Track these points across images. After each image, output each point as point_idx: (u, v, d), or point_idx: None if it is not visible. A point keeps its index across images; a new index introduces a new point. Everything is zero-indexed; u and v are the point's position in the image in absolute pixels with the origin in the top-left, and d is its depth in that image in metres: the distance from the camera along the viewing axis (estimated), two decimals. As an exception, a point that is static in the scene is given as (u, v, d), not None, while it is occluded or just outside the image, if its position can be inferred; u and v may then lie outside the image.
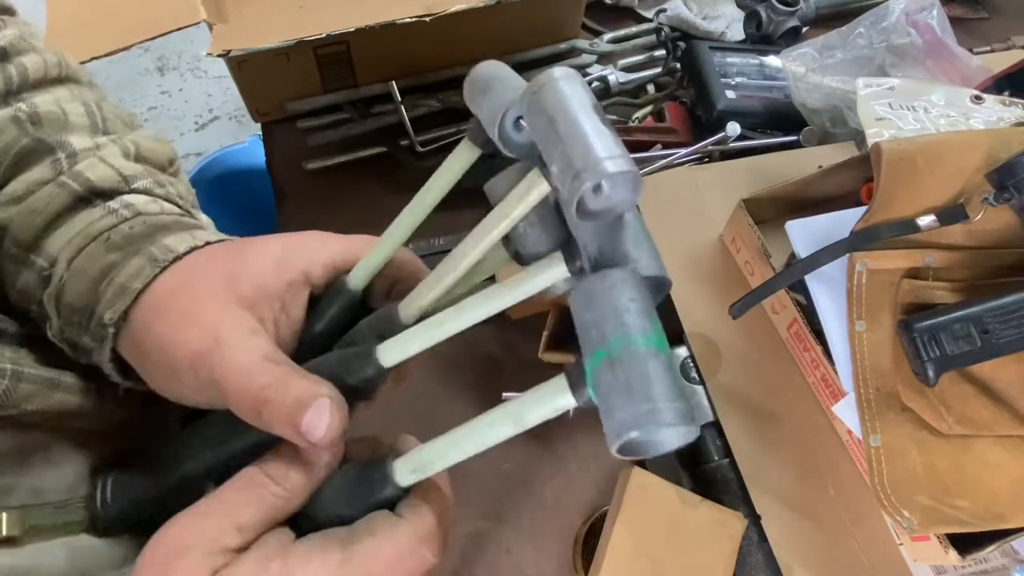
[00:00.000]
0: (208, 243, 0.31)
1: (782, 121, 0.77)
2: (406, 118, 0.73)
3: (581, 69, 0.86)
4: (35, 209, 0.31)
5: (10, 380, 0.28)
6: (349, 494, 0.27)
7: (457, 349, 0.65)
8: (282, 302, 0.29)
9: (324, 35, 0.58)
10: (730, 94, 0.77)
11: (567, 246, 0.27)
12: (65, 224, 0.31)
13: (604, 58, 0.88)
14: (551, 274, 0.27)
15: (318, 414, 0.25)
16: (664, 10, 0.92)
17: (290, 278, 0.29)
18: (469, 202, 0.74)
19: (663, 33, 0.88)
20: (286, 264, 0.29)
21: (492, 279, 0.31)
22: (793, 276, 0.54)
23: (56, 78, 0.36)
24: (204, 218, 0.37)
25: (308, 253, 0.30)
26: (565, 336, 0.62)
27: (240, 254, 0.30)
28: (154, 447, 0.31)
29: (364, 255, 0.31)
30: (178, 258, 0.30)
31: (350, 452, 0.29)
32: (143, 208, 0.32)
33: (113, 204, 0.31)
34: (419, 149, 0.74)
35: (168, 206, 0.33)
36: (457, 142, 0.30)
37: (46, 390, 0.29)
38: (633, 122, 0.81)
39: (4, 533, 0.28)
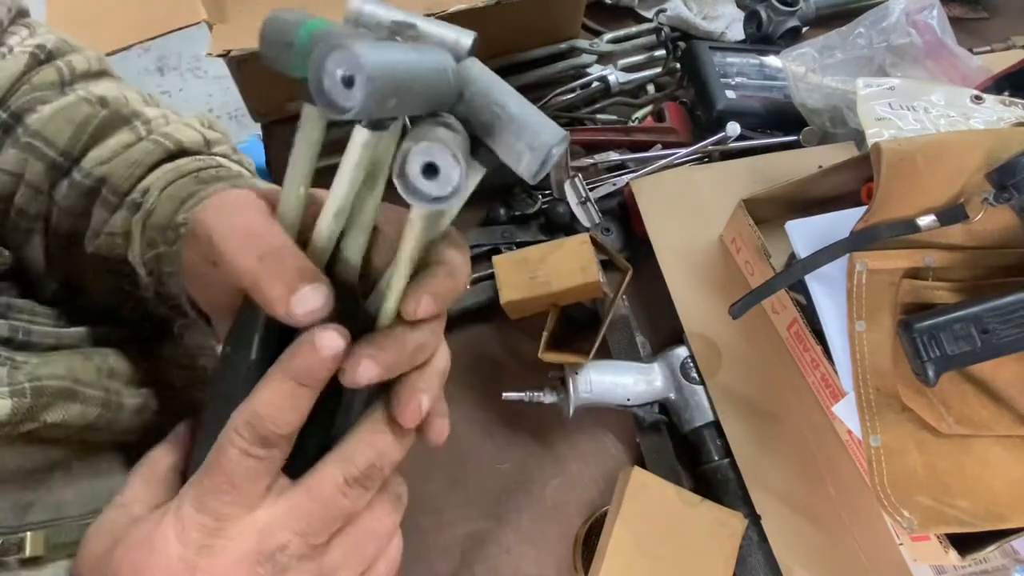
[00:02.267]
0: None
1: (782, 121, 0.77)
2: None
3: (581, 69, 0.86)
4: (134, 161, 0.34)
5: (32, 397, 0.28)
6: None
7: (457, 350, 0.65)
8: None
9: (324, 35, 0.58)
10: (730, 94, 0.77)
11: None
12: (159, 169, 0.35)
13: (604, 58, 0.88)
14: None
15: (312, 289, 0.24)
16: (664, 10, 0.92)
17: None
18: (470, 202, 0.74)
19: (663, 33, 0.88)
20: None
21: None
22: (793, 276, 0.54)
23: (98, 71, 0.39)
24: None
25: None
26: (565, 336, 0.62)
27: None
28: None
29: None
30: (247, 184, 0.33)
31: None
32: (225, 163, 0.37)
33: (201, 156, 0.36)
34: (419, 149, 0.74)
35: (241, 169, 0.37)
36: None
37: (64, 401, 0.29)
38: (633, 122, 0.81)
39: (28, 553, 0.27)
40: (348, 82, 0.21)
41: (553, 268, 0.59)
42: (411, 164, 0.23)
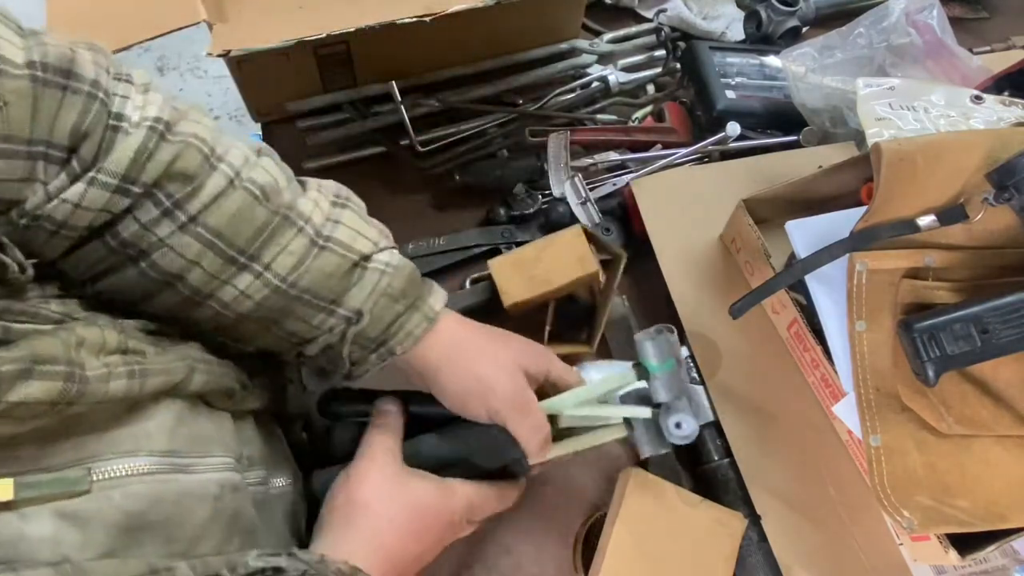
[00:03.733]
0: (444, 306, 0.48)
1: (782, 121, 0.77)
2: (406, 118, 0.73)
3: (581, 69, 0.86)
4: (329, 273, 0.42)
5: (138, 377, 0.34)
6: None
7: None
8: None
9: (324, 35, 0.57)
10: (730, 94, 0.77)
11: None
12: (355, 284, 0.44)
13: (604, 58, 0.88)
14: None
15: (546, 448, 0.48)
16: (664, 10, 0.92)
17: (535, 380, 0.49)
18: (470, 202, 0.74)
19: (663, 33, 0.88)
20: (536, 370, 0.49)
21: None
22: (793, 276, 0.54)
23: (214, 127, 0.42)
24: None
25: (544, 365, 0.49)
26: (564, 329, 0.62)
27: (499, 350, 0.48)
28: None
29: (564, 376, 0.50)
30: (436, 315, 0.46)
31: None
32: (395, 262, 0.45)
33: (378, 265, 0.44)
34: (419, 149, 0.74)
35: (398, 256, 0.47)
36: (457, 142, 0.33)
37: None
38: (633, 122, 0.81)
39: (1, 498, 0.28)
40: (678, 425, 0.47)
41: (551, 264, 0.59)
42: (671, 422, 0.48)
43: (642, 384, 0.49)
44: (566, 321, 0.63)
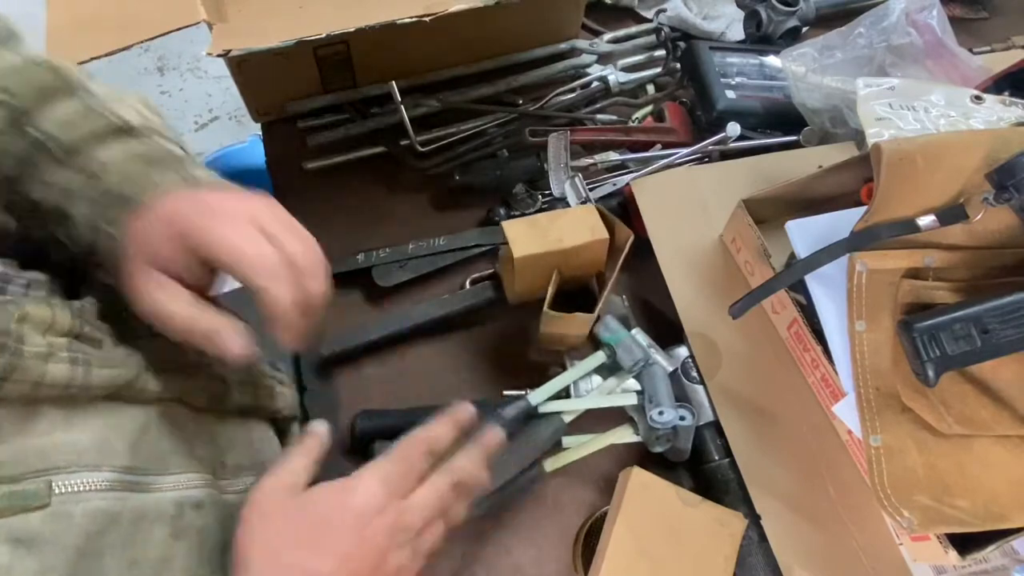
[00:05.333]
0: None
1: (782, 121, 0.77)
2: (406, 118, 0.73)
3: (581, 69, 0.86)
4: (75, 124, 0.39)
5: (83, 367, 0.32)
6: None
7: (458, 349, 0.66)
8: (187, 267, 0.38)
9: (324, 35, 0.57)
10: (730, 94, 0.77)
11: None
12: (111, 147, 0.39)
13: (604, 58, 0.88)
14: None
15: (226, 335, 0.37)
16: (664, 10, 0.92)
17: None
18: (470, 202, 0.74)
19: (663, 33, 0.88)
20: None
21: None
22: (793, 276, 0.54)
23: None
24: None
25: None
26: (566, 299, 0.62)
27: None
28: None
29: None
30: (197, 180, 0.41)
31: None
32: (168, 146, 0.42)
33: (144, 138, 0.41)
34: (419, 149, 0.74)
35: (182, 151, 0.43)
36: (457, 142, 0.33)
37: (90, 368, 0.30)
38: (633, 122, 0.81)
39: None
40: (660, 413, 0.53)
41: (564, 228, 0.59)
42: (654, 411, 0.53)
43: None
44: (569, 297, 0.63)
